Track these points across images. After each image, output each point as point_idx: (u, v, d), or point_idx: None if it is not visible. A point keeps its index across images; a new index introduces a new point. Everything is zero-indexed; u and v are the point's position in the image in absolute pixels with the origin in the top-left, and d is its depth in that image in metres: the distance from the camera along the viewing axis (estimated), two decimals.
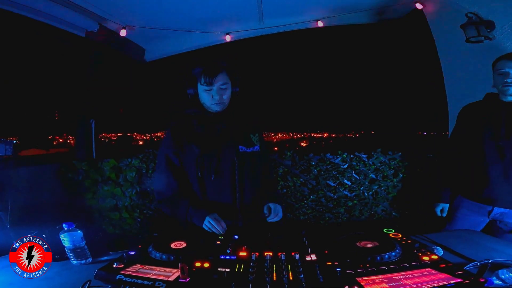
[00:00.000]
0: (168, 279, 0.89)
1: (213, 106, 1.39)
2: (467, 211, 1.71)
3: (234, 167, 1.39)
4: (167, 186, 1.41)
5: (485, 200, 1.62)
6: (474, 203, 1.67)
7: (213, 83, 1.34)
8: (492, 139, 1.58)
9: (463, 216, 1.73)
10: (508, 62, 1.53)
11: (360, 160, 2.86)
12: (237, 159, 1.39)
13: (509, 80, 1.52)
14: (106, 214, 2.82)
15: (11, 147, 2.44)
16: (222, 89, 1.37)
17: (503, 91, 1.56)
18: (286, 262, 0.99)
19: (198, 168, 1.37)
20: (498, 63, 1.58)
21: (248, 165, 1.42)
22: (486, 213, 1.64)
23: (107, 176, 2.80)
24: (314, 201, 2.90)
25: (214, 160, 1.37)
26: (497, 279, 0.89)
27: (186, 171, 1.43)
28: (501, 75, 1.55)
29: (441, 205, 1.82)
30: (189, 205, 1.37)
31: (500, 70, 1.55)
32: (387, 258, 1.00)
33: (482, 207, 1.65)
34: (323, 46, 73.40)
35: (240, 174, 1.40)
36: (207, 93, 1.37)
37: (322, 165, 2.87)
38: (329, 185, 2.88)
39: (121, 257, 1.03)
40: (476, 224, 1.69)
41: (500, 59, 1.58)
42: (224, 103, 1.39)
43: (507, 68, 1.53)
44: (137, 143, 17.32)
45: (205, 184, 1.40)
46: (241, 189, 1.41)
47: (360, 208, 2.91)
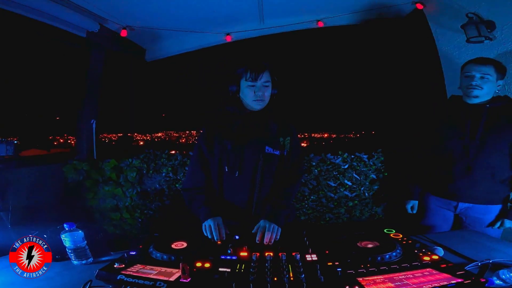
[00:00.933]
0: (169, 279, 0.89)
1: (254, 103, 1.40)
2: (436, 206, 1.79)
3: (257, 166, 1.40)
4: (191, 177, 1.47)
5: (450, 195, 1.71)
6: (441, 199, 1.76)
7: (258, 79, 1.37)
8: (458, 138, 1.66)
9: (433, 211, 1.81)
10: (474, 66, 1.63)
11: (361, 161, 2.86)
12: (262, 159, 1.40)
13: (473, 83, 1.61)
14: (107, 214, 2.83)
15: (12, 147, 2.45)
16: (264, 86, 1.39)
17: (467, 92, 1.65)
18: (286, 262, 0.99)
19: (225, 163, 1.40)
20: (466, 66, 1.67)
21: (271, 166, 1.43)
22: (452, 208, 1.73)
23: (108, 177, 2.81)
24: (315, 202, 2.90)
25: (239, 157, 1.39)
26: (498, 279, 0.89)
27: (212, 165, 1.45)
28: (467, 78, 1.65)
29: (411, 202, 1.90)
30: (204, 201, 1.39)
31: (467, 73, 1.65)
32: (387, 258, 1.00)
33: (448, 203, 1.73)
34: (323, 47, 73.84)
35: (262, 174, 1.40)
36: (250, 89, 1.39)
37: (323, 165, 2.87)
38: (330, 186, 2.88)
39: (122, 257, 1.03)
40: (446, 219, 1.78)
41: (468, 63, 1.67)
42: (264, 101, 1.41)
43: (474, 71, 1.62)
44: (137, 144, 17.43)
45: (227, 180, 1.42)
46: (260, 189, 1.41)
47: (360, 209, 2.91)
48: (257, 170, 1.40)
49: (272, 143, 1.43)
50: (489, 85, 1.61)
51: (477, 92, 1.62)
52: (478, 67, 1.62)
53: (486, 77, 1.60)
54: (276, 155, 1.43)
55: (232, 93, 1.44)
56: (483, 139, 1.60)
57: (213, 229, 1.27)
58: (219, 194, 1.44)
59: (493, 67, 1.61)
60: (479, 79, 1.61)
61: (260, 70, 1.37)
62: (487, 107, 1.63)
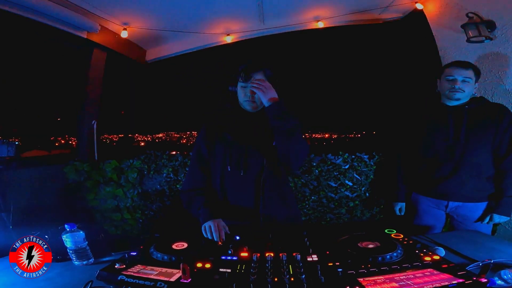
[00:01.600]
0: (170, 279, 0.89)
1: (245, 103, 1.39)
2: (427, 206, 1.81)
3: (262, 165, 1.38)
4: (190, 178, 1.46)
5: (441, 195, 1.73)
6: (431, 199, 1.77)
7: (249, 80, 1.35)
8: (443, 139, 1.69)
9: (425, 211, 1.82)
10: (456, 69, 1.66)
11: (362, 161, 2.86)
12: (266, 157, 1.38)
13: (456, 86, 1.64)
14: (108, 215, 2.83)
15: (13, 148, 2.45)
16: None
17: (449, 95, 1.68)
18: (287, 263, 0.99)
19: (227, 161, 1.37)
20: (447, 69, 1.69)
21: (276, 165, 1.40)
22: (443, 207, 1.75)
23: (109, 177, 2.81)
24: (315, 202, 2.90)
25: (242, 155, 1.37)
26: (499, 279, 0.88)
27: (213, 165, 1.43)
28: (448, 81, 1.67)
29: (399, 204, 1.93)
30: (203, 203, 1.37)
31: (449, 76, 1.67)
32: (388, 259, 1.00)
33: (439, 202, 1.75)
34: (323, 47, 73.43)
35: (268, 173, 1.38)
36: (243, 89, 1.38)
37: (323, 165, 2.86)
38: (330, 186, 2.88)
39: (122, 258, 1.03)
40: (438, 218, 1.80)
41: (449, 65, 1.69)
42: (255, 103, 1.38)
43: (456, 75, 1.64)
44: (138, 144, 17.36)
45: (230, 181, 1.39)
46: (264, 187, 1.38)
47: (361, 209, 2.91)
48: (262, 169, 1.37)
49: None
50: (470, 88, 1.66)
51: (459, 95, 1.65)
52: (460, 71, 1.65)
53: (467, 80, 1.64)
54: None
55: (231, 94, 1.44)
56: (467, 139, 1.64)
57: (213, 230, 1.26)
58: (222, 196, 1.41)
59: (472, 70, 1.65)
60: (461, 82, 1.64)
61: (251, 70, 1.35)
62: (466, 108, 1.66)
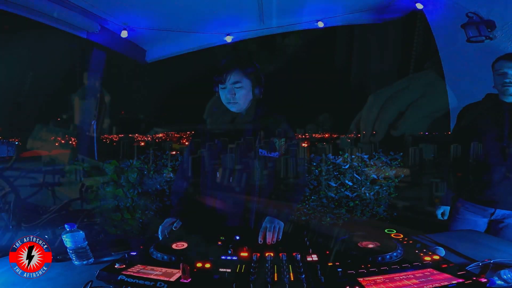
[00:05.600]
0: (170, 279, 0.89)
1: (228, 105, 1.38)
2: (468, 213, 1.69)
3: (253, 170, 1.36)
4: (177, 180, 1.51)
5: (487, 202, 1.60)
6: (476, 205, 1.65)
7: (225, 81, 1.33)
8: (495, 139, 1.55)
9: (464, 218, 1.71)
10: (506, 63, 1.53)
11: (362, 161, 2.86)
12: (257, 162, 1.36)
13: (507, 80, 1.52)
14: (108, 215, 2.83)
15: (13, 148, 2.45)
16: (235, 88, 1.34)
17: (503, 91, 1.56)
18: (287, 263, 0.99)
19: (216, 168, 1.37)
20: (497, 63, 1.58)
21: (268, 169, 1.38)
22: (488, 215, 1.63)
23: (109, 177, 2.81)
24: (316, 202, 2.90)
25: (233, 162, 1.36)
26: (499, 279, 0.88)
27: (203, 170, 1.43)
28: (500, 76, 1.55)
29: (442, 207, 1.80)
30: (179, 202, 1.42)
31: (499, 70, 1.55)
32: (388, 259, 1.00)
33: (484, 209, 1.62)
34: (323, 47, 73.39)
35: (260, 178, 1.37)
36: (222, 91, 1.37)
37: (324, 165, 2.87)
38: (331, 186, 2.88)
39: (122, 258, 1.03)
40: (477, 226, 1.67)
41: (499, 59, 1.58)
42: (237, 103, 1.36)
43: (505, 68, 1.53)
44: (138, 144, 17.33)
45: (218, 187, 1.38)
46: (259, 192, 1.37)
47: (361, 209, 2.90)
48: (253, 175, 1.36)
49: (266, 145, 1.38)
50: None
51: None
52: (509, 64, 1.52)
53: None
54: (271, 157, 1.37)
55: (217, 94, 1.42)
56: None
57: (160, 229, 1.31)
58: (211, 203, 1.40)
59: None
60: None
61: (226, 70, 1.33)
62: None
